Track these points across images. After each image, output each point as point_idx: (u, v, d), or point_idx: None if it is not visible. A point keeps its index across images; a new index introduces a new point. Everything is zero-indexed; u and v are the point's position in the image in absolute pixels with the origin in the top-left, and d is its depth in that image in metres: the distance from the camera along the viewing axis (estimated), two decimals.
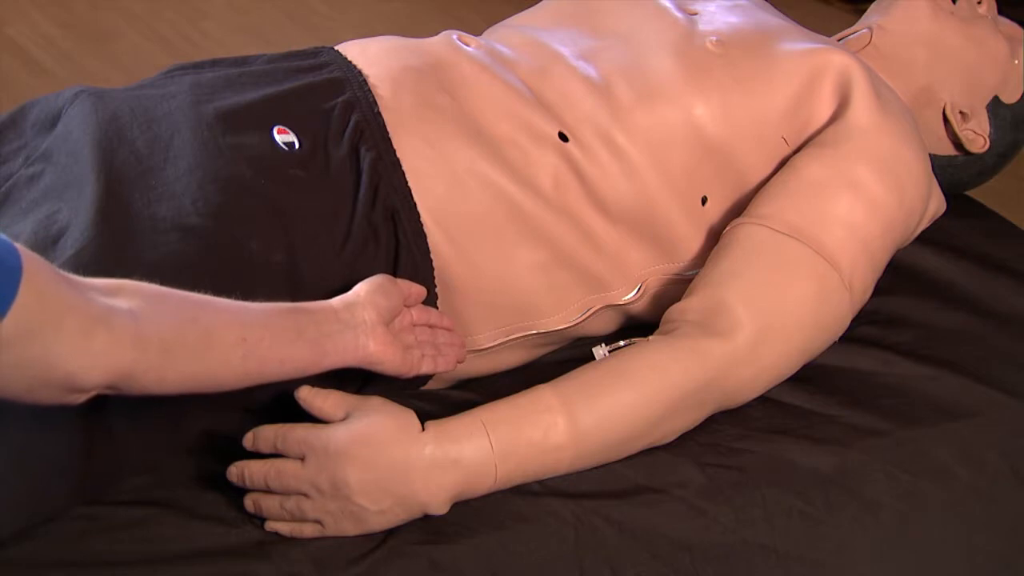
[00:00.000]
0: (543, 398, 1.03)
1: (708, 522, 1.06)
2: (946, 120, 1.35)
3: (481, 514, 1.03)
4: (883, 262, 1.17)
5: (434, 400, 1.14)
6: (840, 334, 1.15)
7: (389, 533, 0.99)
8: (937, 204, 1.25)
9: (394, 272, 1.08)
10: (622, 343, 1.09)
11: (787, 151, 1.21)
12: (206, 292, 0.91)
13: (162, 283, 0.87)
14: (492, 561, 1.00)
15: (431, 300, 1.11)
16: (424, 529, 1.00)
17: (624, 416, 1.04)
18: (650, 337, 1.10)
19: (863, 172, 1.15)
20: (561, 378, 1.05)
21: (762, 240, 1.12)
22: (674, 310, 1.12)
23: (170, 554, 0.95)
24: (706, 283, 1.11)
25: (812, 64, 1.20)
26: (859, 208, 1.14)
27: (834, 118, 1.20)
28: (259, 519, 0.98)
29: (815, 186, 1.14)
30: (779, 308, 1.09)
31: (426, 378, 1.13)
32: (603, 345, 1.11)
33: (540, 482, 1.05)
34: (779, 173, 1.18)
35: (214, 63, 1.20)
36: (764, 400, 1.17)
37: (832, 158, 1.16)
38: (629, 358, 1.06)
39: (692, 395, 1.06)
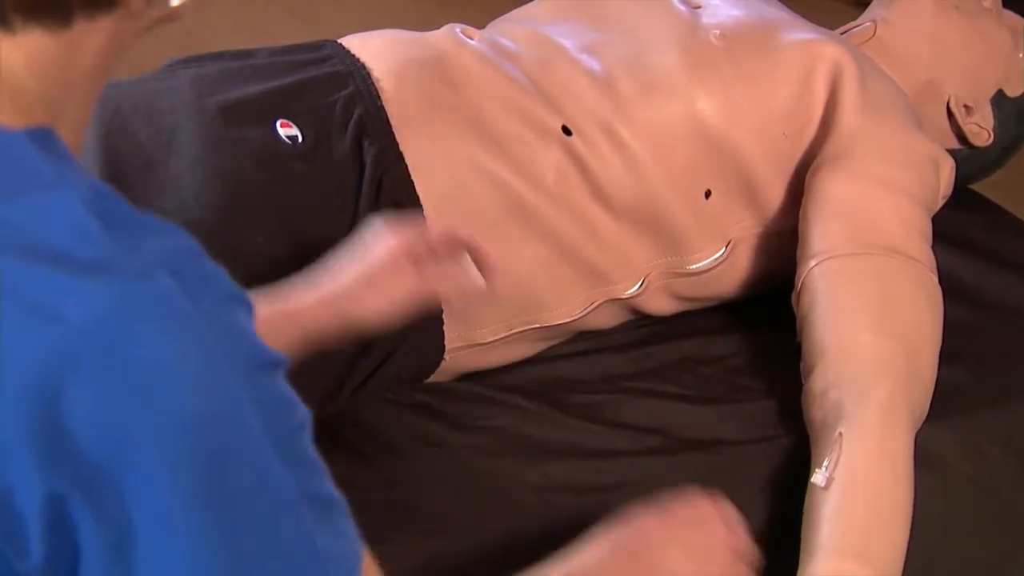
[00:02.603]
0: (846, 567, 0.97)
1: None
2: (950, 114, 1.35)
3: (485, 507, 1.03)
4: (931, 235, 1.18)
5: (439, 393, 1.14)
6: None
7: (392, 526, 0.99)
8: (948, 165, 1.24)
9: None
10: (825, 462, 1.01)
11: (789, 149, 1.21)
12: None
13: None
14: (495, 554, 1.00)
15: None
16: (427, 522, 1.00)
17: (905, 525, 1.00)
18: (840, 431, 1.02)
19: (882, 168, 1.16)
20: (832, 535, 0.97)
21: (841, 270, 1.11)
22: (817, 384, 1.06)
23: None
24: (825, 344, 1.07)
25: (807, 55, 1.20)
26: (899, 200, 1.14)
27: (826, 120, 1.20)
28: None
29: (851, 200, 1.14)
30: (904, 320, 1.08)
31: (429, 372, 1.13)
32: (821, 470, 1.01)
33: (542, 474, 1.05)
34: (809, 206, 1.16)
35: (216, 57, 1.20)
36: (767, 392, 1.17)
37: (849, 169, 1.16)
38: (861, 484, 1.00)
39: (910, 444, 1.04)
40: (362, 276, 0.92)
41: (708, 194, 1.20)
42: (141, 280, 0.53)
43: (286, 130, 1.09)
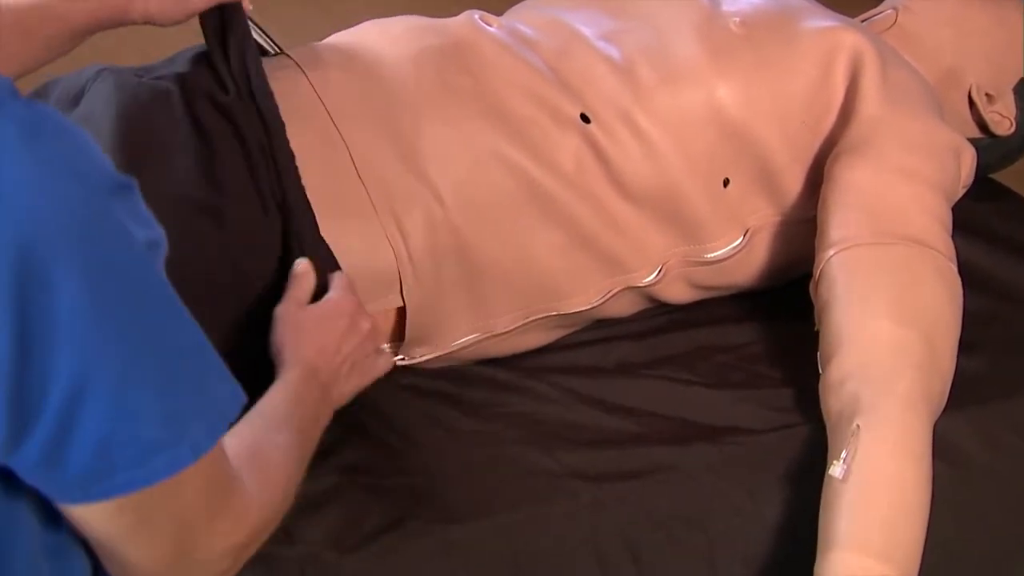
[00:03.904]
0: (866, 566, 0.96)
1: (724, 501, 1.06)
2: (972, 102, 1.34)
3: (499, 494, 1.03)
4: (951, 225, 1.17)
5: (455, 379, 1.15)
6: None
7: (406, 512, 1.00)
8: (970, 154, 1.24)
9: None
10: (843, 454, 1.01)
11: (808, 137, 1.20)
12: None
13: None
14: (509, 541, 1.01)
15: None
16: (441, 508, 1.01)
17: (923, 521, 1.00)
18: (857, 423, 1.01)
19: (902, 157, 1.15)
20: (851, 529, 0.97)
21: (860, 260, 1.10)
22: (835, 375, 1.05)
23: None
24: (843, 333, 1.06)
25: (827, 43, 1.20)
26: (919, 189, 1.14)
27: (846, 108, 1.19)
28: None
29: (871, 188, 1.13)
30: (923, 309, 1.07)
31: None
32: (839, 463, 1.01)
33: (557, 462, 1.05)
34: (828, 195, 1.15)
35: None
36: (784, 380, 1.16)
37: (869, 158, 1.15)
38: (881, 479, 0.99)
39: (929, 437, 1.03)
40: None
41: (726, 182, 1.19)
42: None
43: None
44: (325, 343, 0.99)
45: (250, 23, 1.13)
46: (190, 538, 0.72)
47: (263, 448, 0.84)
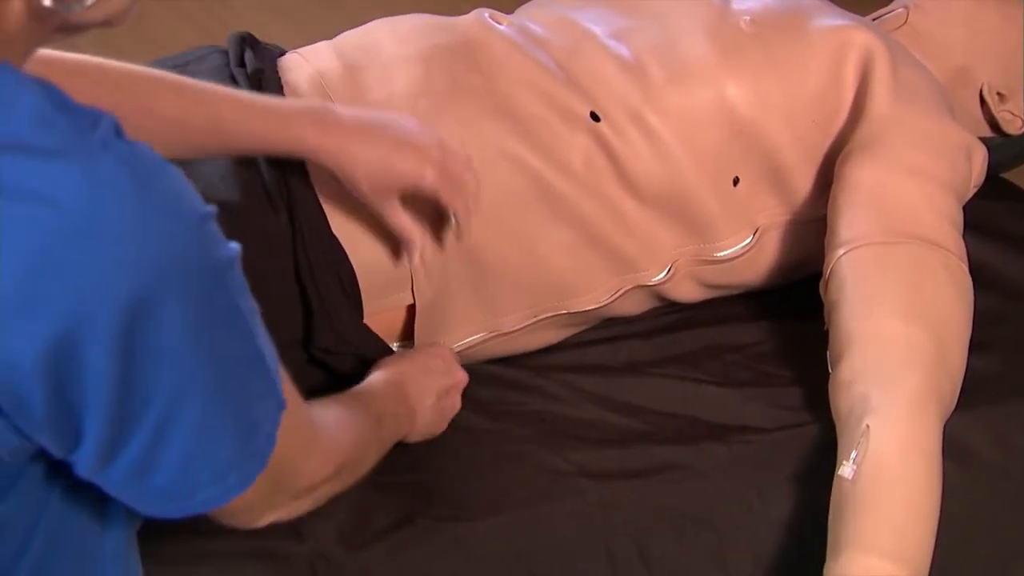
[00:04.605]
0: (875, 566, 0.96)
1: (733, 499, 1.06)
2: (983, 101, 1.34)
3: (508, 492, 1.03)
4: (962, 224, 1.16)
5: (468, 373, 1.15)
6: None
7: (415, 509, 1.00)
8: (981, 154, 1.23)
9: None
10: (853, 454, 1.00)
11: (818, 136, 1.20)
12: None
13: None
14: (518, 539, 1.01)
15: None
16: (450, 506, 1.01)
17: (933, 520, 0.99)
18: (867, 423, 1.01)
19: (912, 156, 1.14)
20: (860, 530, 0.97)
21: (870, 259, 1.09)
22: (844, 374, 1.05)
23: (205, 531, 0.95)
24: (853, 332, 1.06)
25: (837, 41, 1.19)
26: (929, 188, 1.13)
27: (857, 107, 1.19)
28: None
29: (880, 187, 1.13)
30: (934, 309, 1.07)
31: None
32: (848, 463, 1.00)
33: (566, 460, 1.05)
34: (838, 194, 1.15)
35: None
36: (793, 379, 1.16)
37: (879, 156, 1.15)
38: (891, 479, 0.99)
39: (939, 437, 1.03)
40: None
41: (736, 181, 1.19)
42: (99, 158, 0.62)
43: None
44: (420, 374, 1.05)
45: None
46: (280, 480, 0.77)
47: (338, 405, 0.91)
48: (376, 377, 1.03)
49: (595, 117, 1.15)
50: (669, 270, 1.20)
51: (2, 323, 0.60)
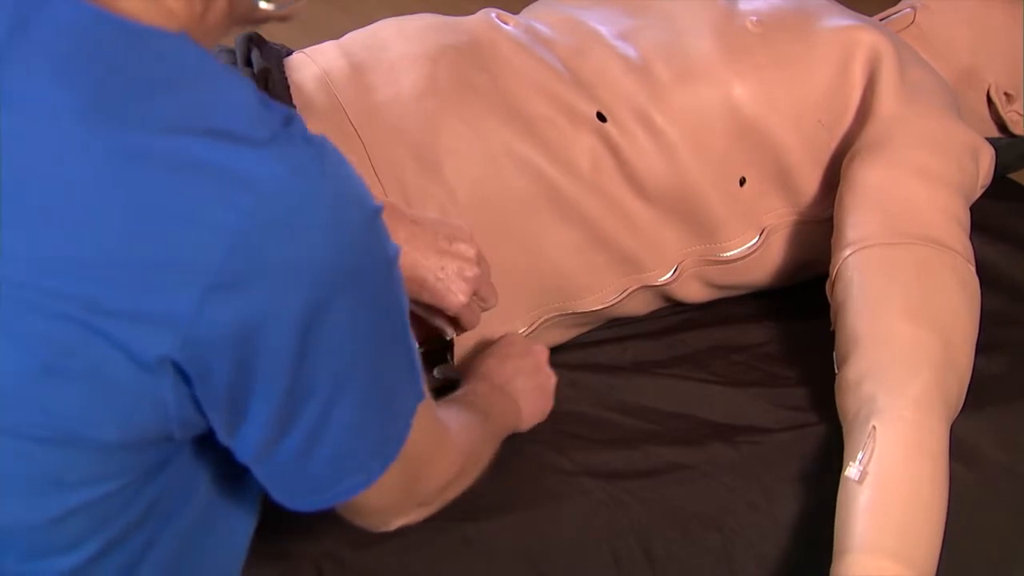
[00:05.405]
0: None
1: (739, 500, 1.06)
2: (990, 102, 1.34)
3: (515, 492, 1.03)
4: (969, 225, 1.16)
5: None
6: None
7: None
8: (988, 154, 1.23)
9: None
10: (859, 455, 1.00)
11: (825, 136, 1.20)
12: None
13: None
14: (524, 538, 1.01)
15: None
16: (458, 505, 1.00)
17: (940, 522, 0.99)
18: (873, 424, 1.01)
19: (920, 156, 1.14)
20: (867, 531, 0.97)
21: (876, 260, 1.09)
22: (851, 375, 1.05)
23: None
24: (859, 333, 1.06)
25: (844, 42, 1.19)
26: (936, 189, 1.13)
27: (864, 107, 1.19)
28: None
29: (887, 188, 1.13)
30: (940, 310, 1.07)
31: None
32: (855, 464, 1.01)
33: (572, 460, 1.05)
34: (845, 194, 1.15)
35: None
36: (799, 380, 1.16)
37: (886, 157, 1.15)
38: (897, 480, 0.99)
39: (946, 438, 1.03)
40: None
41: (743, 181, 1.19)
42: (296, 151, 0.65)
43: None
44: (498, 364, 1.07)
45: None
46: (417, 476, 0.79)
47: (455, 405, 0.94)
48: (473, 384, 1.04)
49: (601, 117, 1.15)
50: (675, 270, 1.20)
51: (205, 295, 0.62)
